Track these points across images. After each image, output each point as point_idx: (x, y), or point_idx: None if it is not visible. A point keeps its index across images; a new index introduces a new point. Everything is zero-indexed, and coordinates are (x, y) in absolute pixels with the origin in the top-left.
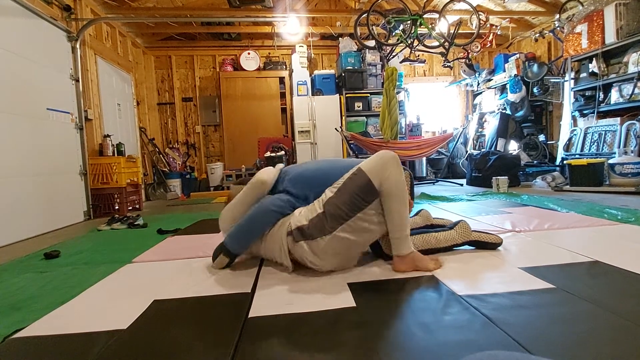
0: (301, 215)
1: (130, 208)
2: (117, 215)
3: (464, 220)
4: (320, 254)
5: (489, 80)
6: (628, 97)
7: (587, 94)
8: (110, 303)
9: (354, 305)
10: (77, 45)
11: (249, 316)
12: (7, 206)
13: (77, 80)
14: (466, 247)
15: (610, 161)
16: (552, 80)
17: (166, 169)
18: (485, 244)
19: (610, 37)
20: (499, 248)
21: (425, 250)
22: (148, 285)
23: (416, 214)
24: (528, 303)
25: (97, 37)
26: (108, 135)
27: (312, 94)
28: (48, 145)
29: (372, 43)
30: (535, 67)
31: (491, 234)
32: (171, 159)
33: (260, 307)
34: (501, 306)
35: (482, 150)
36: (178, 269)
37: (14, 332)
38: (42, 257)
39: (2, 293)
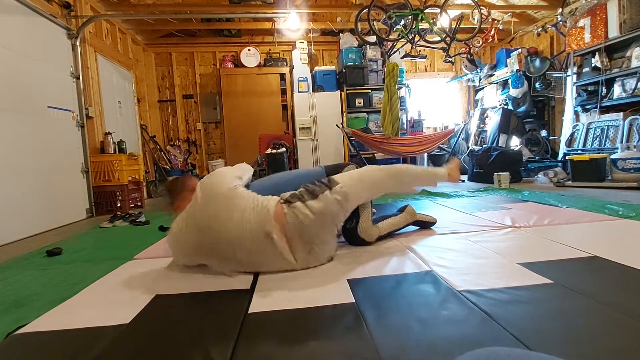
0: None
1: (132, 205)
2: (119, 213)
3: (409, 205)
4: (316, 212)
5: (491, 75)
6: (631, 91)
7: (589, 89)
8: (112, 299)
9: (353, 300)
10: (77, 43)
11: (249, 312)
12: (10, 204)
13: (78, 78)
14: (460, 237)
15: (613, 156)
16: (554, 75)
17: (167, 166)
18: (425, 223)
19: (614, 31)
20: (498, 243)
21: (389, 232)
22: (150, 281)
23: (401, 210)
24: (526, 298)
25: (97, 35)
26: (109, 133)
27: (313, 91)
28: (49, 143)
29: (373, 39)
30: (537, 62)
31: (428, 215)
32: (172, 156)
33: (260, 303)
34: (499, 301)
35: (484, 146)
36: (179, 266)
37: (17, 328)
38: (44, 255)
39: (5, 290)
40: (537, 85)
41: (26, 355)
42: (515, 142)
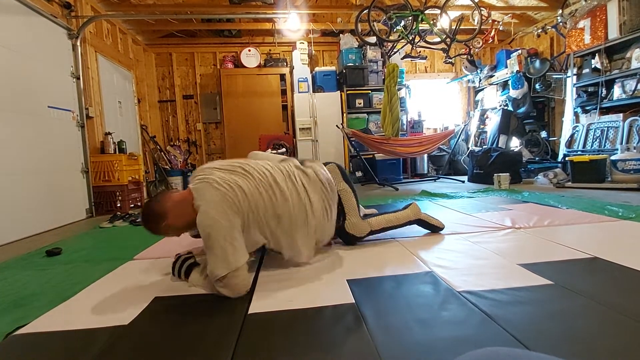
0: None
1: (132, 205)
2: (119, 213)
3: (414, 202)
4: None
5: (491, 76)
6: (631, 93)
7: (589, 90)
8: (112, 300)
9: (353, 301)
10: (78, 43)
11: (249, 312)
12: (9, 204)
13: (78, 78)
14: (463, 240)
15: (613, 157)
16: (554, 76)
17: (167, 167)
18: (431, 226)
19: (613, 33)
20: (498, 243)
21: (384, 227)
22: (149, 282)
23: (405, 208)
24: (526, 299)
25: (98, 35)
26: (109, 133)
27: (313, 91)
28: (50, 143)
29: (373, 39)
30: (537, 63)
31: (436, 218)
32: (172, 157)
33: (260, 304)
34: (499, 302)
35: (484, 147)
36: None
37: (16, 328)
38: (44, 255)
39: (5, 290)
40: (537, 86)
41: (25, 355)
42: (515, 143)
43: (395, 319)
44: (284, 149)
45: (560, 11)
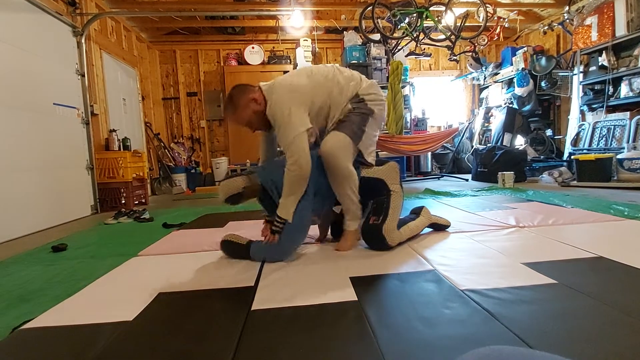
0: None
1: (137, 202)
2: (124, 209)
3: (424, 207)
4: None
5: (496, 74)
6: (638, 91)
7: (596, 88)
8: (116, 295)
9: (356, 299)
10: (83, 40)
11: (252, 309)
12: (16, 200)
13: (83, 75)
14: (474, 242)
15: (619, 156)
16: (560, 73)
17: (171, 164)
18: (440, 226)
19: (621, 30)
20: (502, 242)
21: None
22: (153, 278)
23: (416, 213)
24: (530, 298)
25: (102, 32)
26: (114, 130)
27: None
28: (55, 140)
29: (377, 36)
30: (543, 61)
31: (442, 218)
32: (176, 154)
33: (263, 300)
34: (503, 301)
35: (488, 145)
36: (183, 263)
37: (22, 323)
38: (49, 250)
39: (11, 285)
40: (542, 84)
41: (31, 350)
42: (520, 142)
43: (398, 316)
44: None
45: (567, 8)
